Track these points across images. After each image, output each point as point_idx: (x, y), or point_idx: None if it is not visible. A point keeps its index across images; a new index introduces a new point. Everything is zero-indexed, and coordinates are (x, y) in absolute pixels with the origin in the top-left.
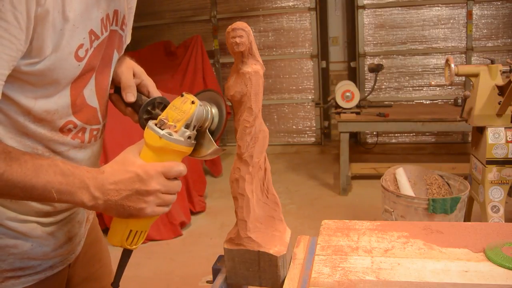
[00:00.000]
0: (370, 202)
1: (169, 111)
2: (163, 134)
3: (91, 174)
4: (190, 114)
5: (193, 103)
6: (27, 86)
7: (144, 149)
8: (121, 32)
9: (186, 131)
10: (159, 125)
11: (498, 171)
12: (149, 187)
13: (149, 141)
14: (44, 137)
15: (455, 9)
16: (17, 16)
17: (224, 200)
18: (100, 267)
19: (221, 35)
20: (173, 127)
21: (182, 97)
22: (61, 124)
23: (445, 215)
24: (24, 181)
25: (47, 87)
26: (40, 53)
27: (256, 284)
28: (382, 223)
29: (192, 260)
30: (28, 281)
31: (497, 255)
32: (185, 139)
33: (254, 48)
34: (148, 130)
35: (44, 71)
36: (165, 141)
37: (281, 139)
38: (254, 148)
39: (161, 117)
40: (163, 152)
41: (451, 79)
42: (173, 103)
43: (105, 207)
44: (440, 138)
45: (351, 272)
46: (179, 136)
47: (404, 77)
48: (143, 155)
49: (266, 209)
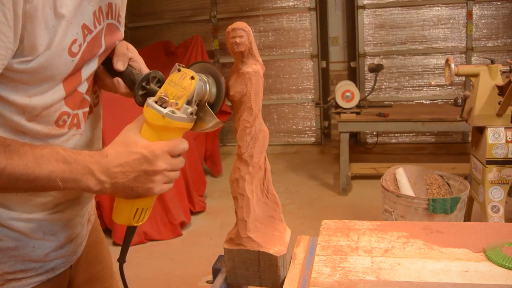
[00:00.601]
0: (370, 202)
1: (168, 87)
2: (166, 113)
3: (94, 159)
4: (191, 90)
5: (193, 78)
6: (20, 85)
7: (145, 128)
8: (118, 24)
9: (188, 107)
10: (159, 103)
11: (498, 171)
12: (156, 167)
13: (150, 119)
14: (41, 133)
15: (455, 9)
16: (5, 13)
17: (224, 200)
18: (102, 268)
19: (221, 35)
20: (175, 105)
21: (180, 72)
22: (56, 117)
23: (445, 215)
24: (27, 173)
25: (41, 84)
26: (33, 51)
27: (256, 284)
28: (382, 223)
29: (192, 260)
30: (29, 283)
31: (497, 255)
32: (187, 116)
33: (254, 48)
34: (149, 109)
35: (38, 68)
36: (168, 120)
37: (281, 139)
38: (254, 148)
39: (160, 94)
40: (165, 130)
41: (451, 79)
42: (171, 78)
43: (113, 190)
44: (440, 138)
45: (351, 272)
46: (181, 114)
47: (404, 77)
48: (144, 134)
49: (266, 209)
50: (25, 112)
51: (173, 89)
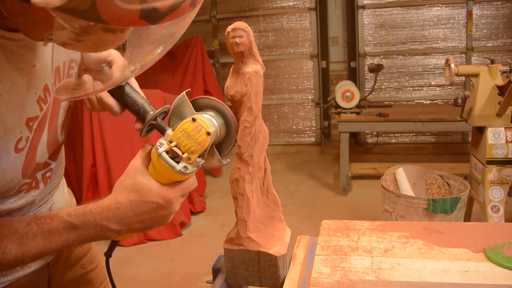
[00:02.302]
0: (370, 202)
1: (180, 137)
2: (179, 170)
3: (104, 215)
4: (205, 147)
5: (209, 134)
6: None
7: (154, 172)
8: (69, 79)
9: (200, 160)
10: (171, 155)
11: (498, 171)
12: (171, 211)
13: (162, 171)
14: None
15: (455, 9)
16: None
17: (224, 200)
18: (92, 269)
19: (221, 35)
20: (188, 159)
21: (195, 123)
22: (15, 191)
23: (445, 215)
24: (44, 251)
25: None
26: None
27: (256, 284)
28: (382, 223)
29: (192, 260)
30: None
31: (497, 255)
32: (197, 168)
33: (254, 48)
34: (161, 161)
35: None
36: (179, 176)
37: (281, 139)
38: (254, 148)
39: (171, 144)
40: (176, 178)
41: (451, 79)
42: (184, 127)
43: (130, 232)
44: (440, 138)
45: (351, 272)
46: (193, 168)
47: (404, 77)
48: (153, 174)
49: (266, 209)
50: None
51: (186, 141)
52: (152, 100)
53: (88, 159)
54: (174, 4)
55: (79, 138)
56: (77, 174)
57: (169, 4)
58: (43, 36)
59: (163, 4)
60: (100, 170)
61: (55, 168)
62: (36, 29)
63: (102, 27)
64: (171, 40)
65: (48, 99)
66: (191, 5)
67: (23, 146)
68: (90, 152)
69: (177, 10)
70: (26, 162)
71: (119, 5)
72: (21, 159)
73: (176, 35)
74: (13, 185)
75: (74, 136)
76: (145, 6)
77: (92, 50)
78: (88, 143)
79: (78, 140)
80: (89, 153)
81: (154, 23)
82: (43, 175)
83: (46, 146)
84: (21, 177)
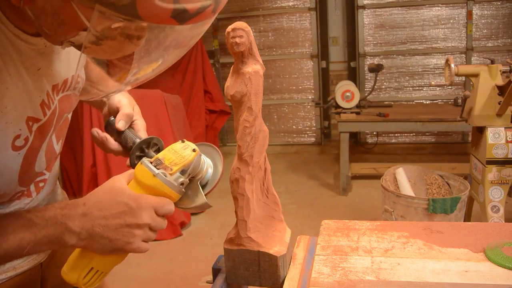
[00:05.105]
0: (370, 202)
1: (167, 153)
2: (158, 173)
3: (67, 211)
4: (189, 161)
5: (194, 151)
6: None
7: (133, 184)
8: (73, 92)
9: (180, 176)
10: (154, 164)
11: (498, 171)
12: (140, 220)
13: (140, 177)
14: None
15: (455, 9)
16: None
17: (224, 200)
18: None
19: (221, 35)
20: (169, 169)
21: (183, 143)
22: (9, 198)
23: (445, 215)
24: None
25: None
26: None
27: (256, 284)
28: (382, 223)
29: (192, 260)
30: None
31: (497, 255)
32: (178, 185)
33: (254, 48)
34: (142, 166)
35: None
36: (158, 181)
37: (281, 139)
38: (254, 148)
39: (158, 156)
40: (153, 192)
41: (451, 79)
42: (172, 147)
43: (89, 241)
44: (440, 138)
45: (351, 272)
46: (172, 180)
47: (404, 77)
48: (131, 187)
49: (266, 209)
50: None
51: (171, 155)
52: (152, 100)
53: (88, 159)
54: (201, 7)
55: (79, 138)
56: (77, 174)
57: (197, 6)
58: (65, 38)
59: (192, 6)
60: (100, 170)
61: (49, 178)
62: (62, 30)
63: (121, 33)
64: (184, 49)
65: (52, 106)
66: (212, 11)
67: (21, 145)
68: (90, 152)
69: (201, 14)
70: (24, 166)
71: (157, 3)
72: (19, 159)
73: (192, 41)
74: (9, 191)
75: (74, 136)
76: (178, 6)
77: (108, 55)
78: (88, 143)
79: (78, 140)
80: (89, 153)
81: (182, 23)
82: (36, 184)
83: (45, 155)
84: (18, 183)
